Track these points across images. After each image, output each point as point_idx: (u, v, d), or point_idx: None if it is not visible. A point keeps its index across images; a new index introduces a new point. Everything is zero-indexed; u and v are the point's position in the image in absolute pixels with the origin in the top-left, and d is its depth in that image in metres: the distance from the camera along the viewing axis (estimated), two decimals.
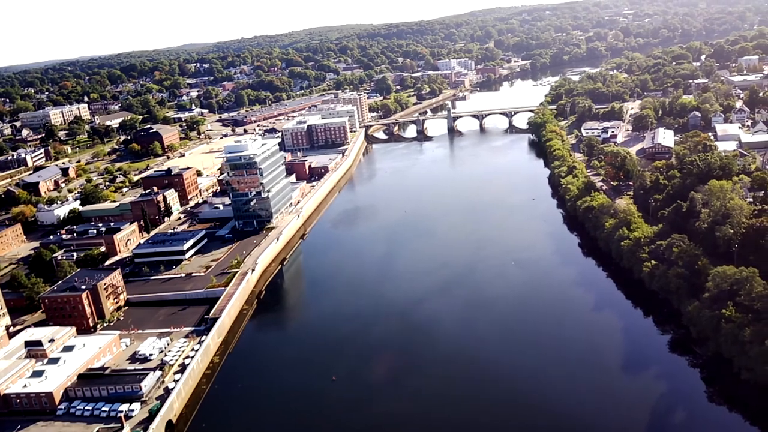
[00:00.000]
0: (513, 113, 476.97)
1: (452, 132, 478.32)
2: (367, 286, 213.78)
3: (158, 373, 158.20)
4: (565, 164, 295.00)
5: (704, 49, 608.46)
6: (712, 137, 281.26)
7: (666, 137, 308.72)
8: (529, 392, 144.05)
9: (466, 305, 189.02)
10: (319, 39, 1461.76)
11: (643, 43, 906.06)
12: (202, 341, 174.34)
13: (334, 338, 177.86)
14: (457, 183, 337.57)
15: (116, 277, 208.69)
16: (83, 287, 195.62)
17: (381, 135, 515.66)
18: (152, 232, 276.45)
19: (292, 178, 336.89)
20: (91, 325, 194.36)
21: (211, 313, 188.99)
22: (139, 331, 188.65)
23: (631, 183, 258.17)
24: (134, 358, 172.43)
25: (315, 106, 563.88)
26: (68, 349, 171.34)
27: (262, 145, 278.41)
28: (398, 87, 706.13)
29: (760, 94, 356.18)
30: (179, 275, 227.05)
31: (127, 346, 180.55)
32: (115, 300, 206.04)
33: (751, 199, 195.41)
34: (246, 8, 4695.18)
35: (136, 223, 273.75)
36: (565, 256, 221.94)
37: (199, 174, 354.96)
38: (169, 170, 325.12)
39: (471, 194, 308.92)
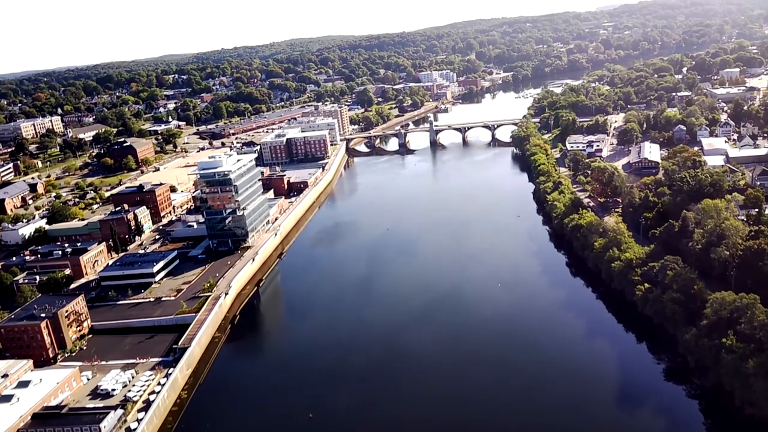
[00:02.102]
0: (496, 126, 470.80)
1: (435, 145, 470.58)
2: (347, 310, 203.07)
3: (120, 411, 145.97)
4: (551, 180, 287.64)
5: (686, 62, 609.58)
6: (697, 151, 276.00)
7: (652, 151, 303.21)
8: (517, 424, 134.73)
9: (452, 332, 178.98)
10: (300, 50, 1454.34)
11: (624, 56, 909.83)
12: (170, 374, 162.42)
13: (312, 370, 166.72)
14: (440, 198, 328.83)
15: (79, 303, 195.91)
16: (42, 315, 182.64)
17: (362, 148, 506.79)
18: (122, 253, 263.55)
19: (270, 194, 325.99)
20: (50, 356, 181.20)
21: (179, 343, 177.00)
22: (102, 363, 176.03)
23: (618, 200, 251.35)
24: (96, 393, 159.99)
25: (295, 118, 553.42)
26: (23, 384, 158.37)
27: (238, 160, 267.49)
28: (380, 99, 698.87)
29: (745, 108, 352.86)
30: (148, 300, 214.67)
31: (88, 379, 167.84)
32: (78, 328, 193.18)
33: (743, 218, 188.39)
34: (227, 19, 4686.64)
35: (104, 243, 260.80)
36: (553, 276, 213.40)
37: (173, 190, 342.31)
38: (140, 186, 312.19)
39: (454, 210, 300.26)
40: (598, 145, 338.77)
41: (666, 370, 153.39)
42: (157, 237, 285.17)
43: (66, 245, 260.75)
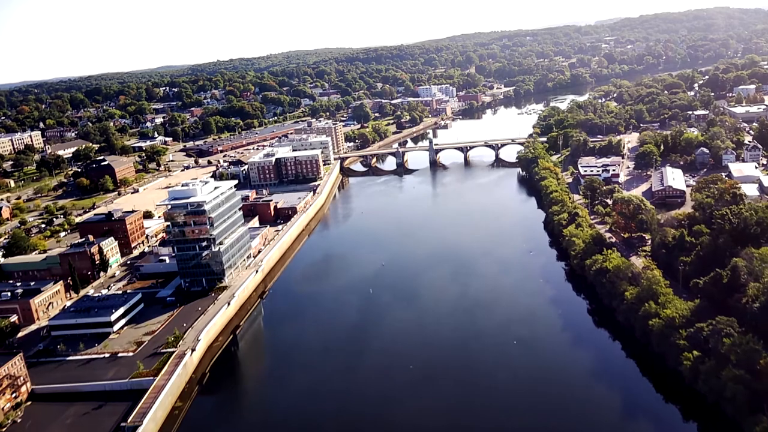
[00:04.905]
0: (499, 146, 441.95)
1: (434, 165, 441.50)
2: (335, 371, 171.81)
3: None
4: (566, 210, 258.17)
5: (697, 78, 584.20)
6: (734, 181, 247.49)
7: (676, 178, 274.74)
8: None
9: (459, 405, 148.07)
10: (296, 63, 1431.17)
11: (628, 70, 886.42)
12: None
13: None
14: (442, 228, 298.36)
15: (17, 364, 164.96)
16: None
17: (358, 167, 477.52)
18: (82, 292, 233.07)
19: (255, 221, 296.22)
20: None
21: (129, 419, 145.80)
22: None
23: (644, 235, 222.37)
24: None
25: (286, 135, 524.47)
26: None
27: (215, 188, 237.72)
28: (377, 114, 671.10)
29: None
30: (102, 355, 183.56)
31: None
32: (14, 394, 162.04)
33: None
34: (225, 30, 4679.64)
35: (61, 281, 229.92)
36: (577, 330, 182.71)
37: (148, 216, 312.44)
38: (109, 214, 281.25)
39: (458, 242, 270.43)
40: (614, 170, 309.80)
41: None
42: (125, 272, 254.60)
43: (19, 283, 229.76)
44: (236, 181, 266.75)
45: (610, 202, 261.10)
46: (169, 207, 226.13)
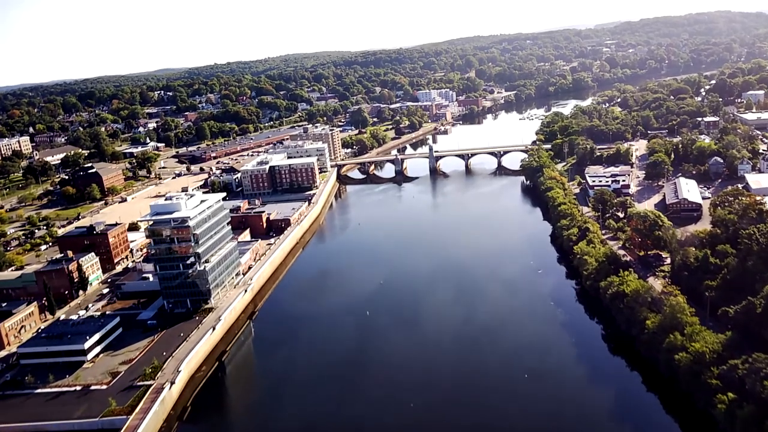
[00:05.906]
0: (502, 153, 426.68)
1: (434, 173, 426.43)
2: (330, 407, 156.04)
3: None
4: (575, 224, 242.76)
5: (703, 82, 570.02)
6: (741, 188, 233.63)
7: (691, 190, 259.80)
8: None
9: None
10: (294, 66, 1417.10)
11: (631, 75, 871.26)
12: None
13: None
14: (443, 241, 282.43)
15: None
16: None
17: (356, 174, 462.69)
18: (58, 313, 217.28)
19: (246, 234, 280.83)
20: None
21: None
22: None
23: (661, 253, 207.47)
24: None
25: (282, 141, 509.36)
26: None
27: (201, 202, 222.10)
28: (375, 119, 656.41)
29: None
30: (73, 388, 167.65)
31: None
32: None
33: None
34: (224, 33, 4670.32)
35: (36, 302, 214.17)
36: (593, 362, 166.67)
37: (134, 228, 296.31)
38: (91, 228, 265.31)
39: (461, 258, 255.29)
40: (624, 180, 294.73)
41: None
42: (106, 291, 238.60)
43: None
44: (224, 194, 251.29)
45: (622, 215, 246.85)
46: (151, 222, 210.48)
